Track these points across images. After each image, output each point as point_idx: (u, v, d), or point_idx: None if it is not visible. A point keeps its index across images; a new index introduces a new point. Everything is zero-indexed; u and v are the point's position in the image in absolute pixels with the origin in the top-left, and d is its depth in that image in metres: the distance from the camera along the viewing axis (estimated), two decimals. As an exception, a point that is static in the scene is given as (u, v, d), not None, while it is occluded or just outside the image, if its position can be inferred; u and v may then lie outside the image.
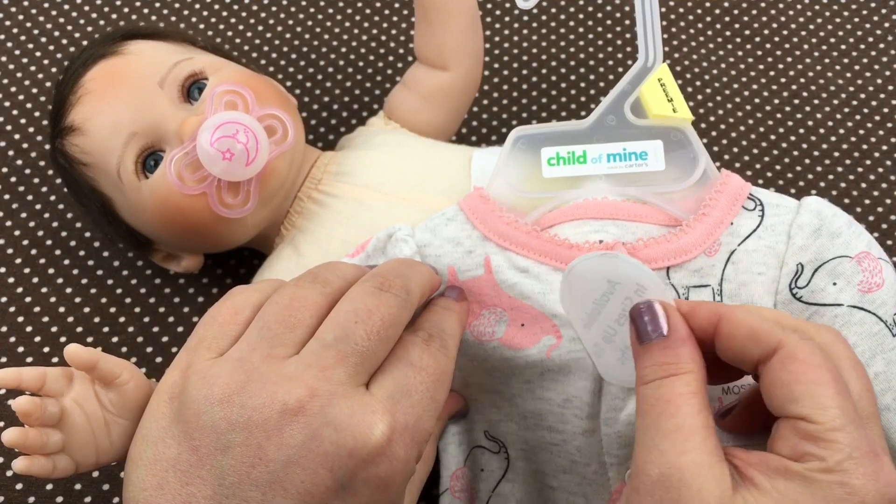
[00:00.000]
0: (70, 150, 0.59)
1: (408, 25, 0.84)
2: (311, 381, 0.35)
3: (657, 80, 0.47)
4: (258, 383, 0.36)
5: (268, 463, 0.34)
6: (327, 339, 0.37)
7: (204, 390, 0.36)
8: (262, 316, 0.39)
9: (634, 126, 0.47)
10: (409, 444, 0.36)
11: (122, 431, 0.43)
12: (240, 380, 0.36)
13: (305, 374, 0.36)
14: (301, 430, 0.35)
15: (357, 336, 0.37)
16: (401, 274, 0.41)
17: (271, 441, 0.34)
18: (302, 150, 0.61)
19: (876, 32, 0.84)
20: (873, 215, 0.74)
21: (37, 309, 0.69)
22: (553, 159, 0.47)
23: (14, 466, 0.40)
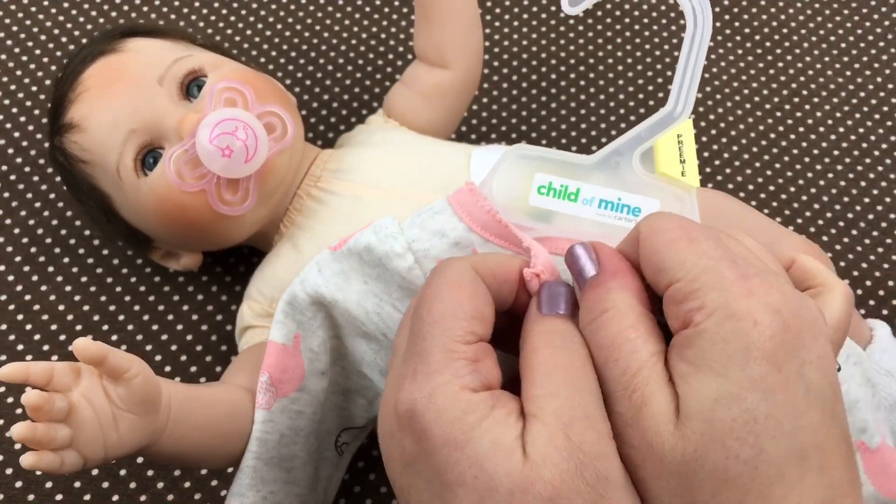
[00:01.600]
0: (69, 147, 0.59)
1: (407, 24, 0.84)
2: None
3: (676, 136, 0.45)
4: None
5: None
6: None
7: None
8: None
9: (636, 176, 0.44)
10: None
11: (130, 426, 0.43)
12: None
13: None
14: None
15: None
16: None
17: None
18: (301, 148, 0.61)
19: (875, 31, 0.84)
20: (872, 213, 0.74)
21: (36, 307, 0.69)
22: (544, 188, 0.44)
23: (22, 462, 0.40)
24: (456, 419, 0.31)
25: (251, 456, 0.44)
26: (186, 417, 0.47)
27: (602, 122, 0.79)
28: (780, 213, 0.74)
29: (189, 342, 0.68)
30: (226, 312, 0.69)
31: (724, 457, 0.28)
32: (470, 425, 0.31)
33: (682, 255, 0.31)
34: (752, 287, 0.30)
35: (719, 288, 0.30)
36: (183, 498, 0.62)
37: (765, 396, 0.28)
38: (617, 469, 0.30)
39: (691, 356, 0.30)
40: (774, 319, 0.29)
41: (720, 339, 0.29)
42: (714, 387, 0.29)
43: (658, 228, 0.33)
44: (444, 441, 0.31)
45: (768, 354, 0.29)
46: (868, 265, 0.72)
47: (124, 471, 0.62)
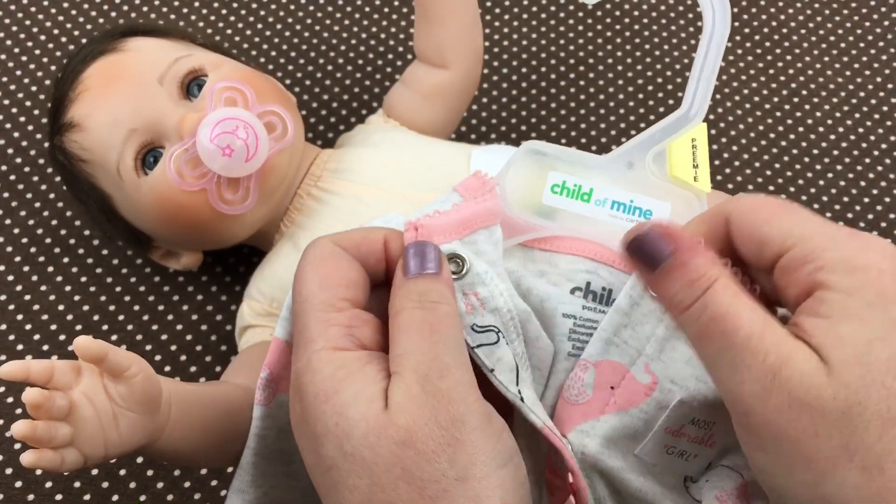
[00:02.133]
0: (69, 146, 0.59)
1: (407, 24, 0.84)
2: None
3: (690, 140, 0.44)
4: None
5: None
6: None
7: None
8: None
9: (649, 179, 0.43)
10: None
11: (130, 424, 0.43)
12: None
13: None
14: None
15: None
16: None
17: None
18: (301, 147, 0.61)
19: (875, 31, 0.84)
20: (872, 213, 0.74)
21: (36, 307, 0.69)
22: (557, 187, 0.44)
23: (22, 460, 0.40)
24: (328, 376, 0.32)
25: (250, 452, 0.44)
26: (186, 416, 0.47)
27: (602, 122, 0.79)
28: (780, 213, 0.74)
29: (189, 342, 0.68)
30: (226, 312, 0.69)
31: (886, 396, 0.29)
32: (339, 379, 0.32)
33: (788, 224, 0.32)
34: (866, 241, 0.31)
35: (835, 246, 0.31)
36: (183, 498, 0.62)
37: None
38: (475, 413, 0.31)
39: (826, 311, 0.30)
40: (894, 266, 0.30)
41: (853, 290, 0.30)
42: (862, 332, 0.29)
43: (754, 206, 0.34)
44: (315, 396, 0.32)
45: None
46: (868, 265, 0.72)
47: (124, 471, 0.62)
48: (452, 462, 0.30)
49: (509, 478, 0.31)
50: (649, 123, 0.79)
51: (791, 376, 0.30)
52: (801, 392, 0.29)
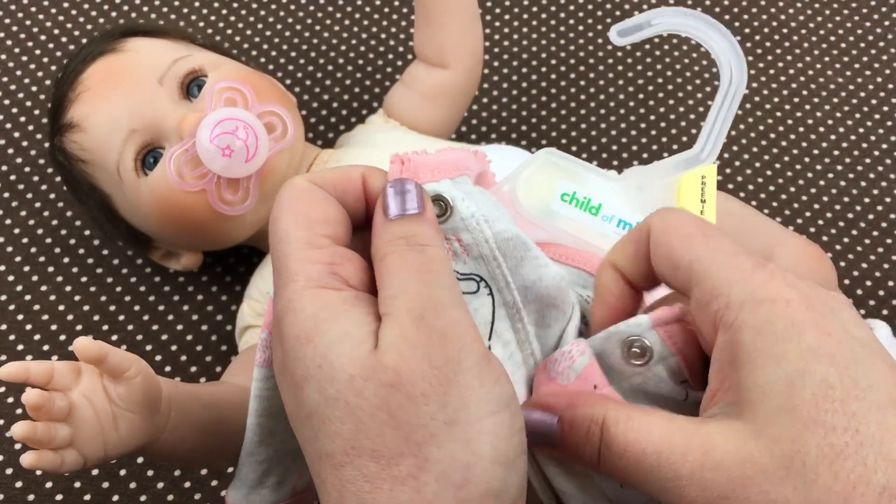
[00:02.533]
0: (69, 147, 0.59)
1: (408, 24, 0.84)
2: None
3: (701, 175, 0.46)
4: None
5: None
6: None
7: None
8: None
9: (657, 205, 0.45)
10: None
11: (130, 425, 0.43)
12: None
13: None
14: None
15: None
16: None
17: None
18: (301, 147, 0.61)
19: (875, 31, 0.84)
20: (872, 214, 0.74)
21: (36, 307, 0.69)
22: (567, 196, 0.45)
23: (22, 461, 0.40)
24: (309, 315, 0.30)
25: (253, 414, 0.45)
26: (186, 417, 0.47)
27: (602, 122, 0.79)
28: (780, 213, 0.74)
29: (189, 342, 0.68)
30: (226, 312, 0.69)
31: (822, 434, 0.27)
32: (322, 319, 0.30)
33: (700, 252, 0.31)
34: (771, 272, 0.30)
35: (739, 280, 0.30)
36: (183, 498, 0.62)
37: (829, 362, 0.28)
38: (472, 353, 0.29)
39: (741, 357, 0.29)
40: (800, 294, 0.29)
41: (762, 327, 0.29)
42: (781, 373, 0.28)
43: (669, 225, 0.33)
44: (297, 338, 0.30)
45: (812, 324, 0.29)
46: (868, 265, 0.72)
47: (124, 471, 0.62)
48: (443, 404, 0.29)
49: (504, 424, 0.29)
50: (649, 123, 0.79)
51: (720, 461, 0.28)
52: (738, 470, 0.28)
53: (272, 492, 0.47)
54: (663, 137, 0.78)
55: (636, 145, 0.78)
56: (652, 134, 0.78)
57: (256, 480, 0.47)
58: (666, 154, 0.77)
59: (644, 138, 0.78)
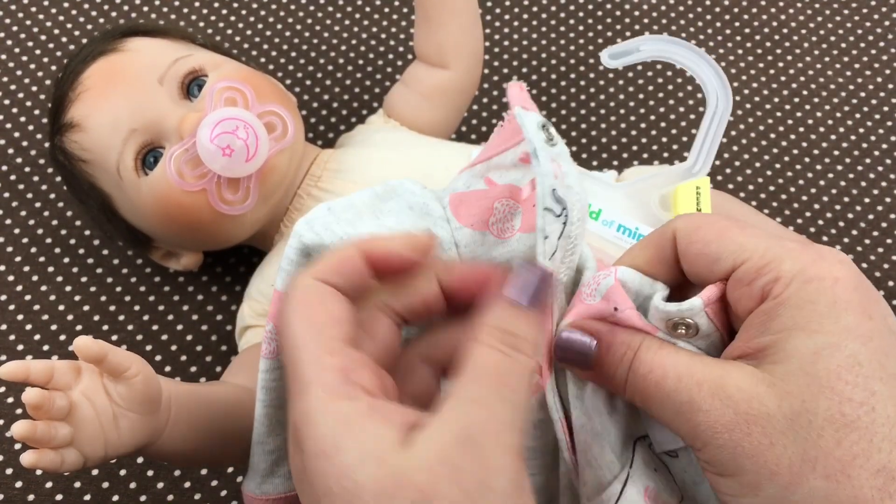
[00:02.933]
0: (69, 146, 0.59)
1: (408, 24, 0.84)
2: None
3: (695, 186, 0.47)
4: None
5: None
6: None
7: None
8: None
9: (654, 212, 0.47)
10: None
11: (130, 425, 0.43)
12: None
13: None
14: None
15: None
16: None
17: None
18: (301, 147, 0.61)
19: (875, 31, 0.84)
20: (872, 214, 0.74)
21: (36, 307, 0.69)
22: None
23: (23, 461, 0.40)
24: (328, 432, 0.30)
25: (261, 405, 0.45)
26: (187, 417, 0.47)
27: (602, 122, 0.79)
28: (780, 213, 0.74)
29: (189, 342, 0.68)
30: (226, 312, 0.69)
31: (837, 402, 0.28)
32: (341, 435, 0.30)
33: (741, 239, 0.32)
34: (820, 252, 0.31)
35: (790, 258, 0.31)
36: (183, 498, 0.62)
37: (863, 342, 0.29)
38: (505, 479, 0.29)
39: (778, 326, 0.30)
40: (851, 274, 0.30)
41: (806, 301, 0.30)
42: (811, 343, 0.29)
43: (700, 224, 0.33)
44: (316, 453, 0.30)
45: (856, 305, 0.30)
46: (868, 265, 0.72)
47: (124, 471, 0.62)
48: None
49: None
50: (649, 123, 0.79)
51: (731, 394, 0.30)
52: (745, 405, 0.29)
53: (285, 480, 0.47)
54: (663, 137, 0.78)
55: (636, 145, 0.78)
56: (652, 134, 0.78)
57: (267, 470, 0.47)
58: (666, 154, 0.77)
59: (644, 138, 0.78)
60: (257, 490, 0.47)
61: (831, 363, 0.29)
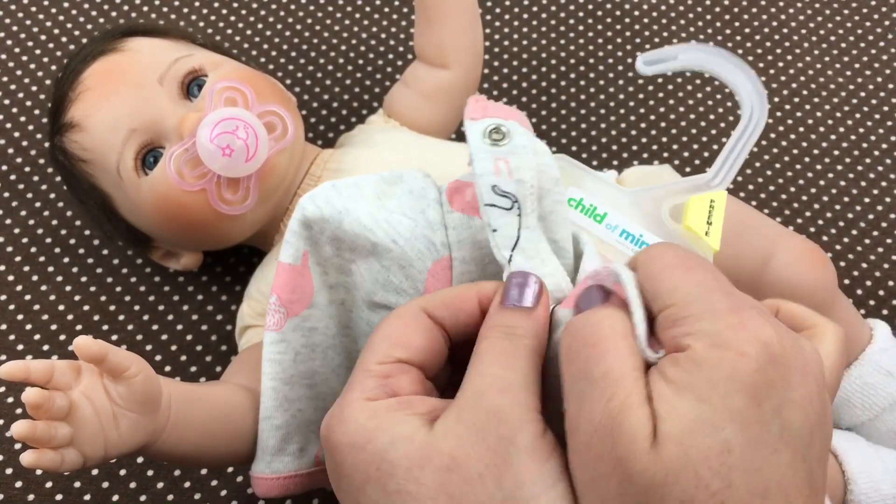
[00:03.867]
0: (69, 146, 0.59)
1: (408, 23, 0.84)
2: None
3: (710, 199, 0.46)
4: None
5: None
6: None
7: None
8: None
9: (662, 221, 0.46)
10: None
11: (130, 424, 0.43)
12: None
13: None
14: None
15: None
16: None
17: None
18: (301, 147, 0.61)
19: (875, 31, 0.84)
20: (872, 213, 0.74)
21: (36, 307, 0.69)
22: (574, 201, 0.46)
23: (22, 460, 0.39)
24: (360, 426, 0.32)
25: (267, 377, 0.45)
26: (187, 416, 0.47)
27: (602, 122, 0.79)
28: (780, 213, 0.74)
29: (189, 342, 0.68)
30: (226, 312, 0.69)
31: (694, 486, 0.28)
32: (371, 428, 0.32)
33: (676, 282, 0.31)
34: (743, 319, 0.30)
35: (711, 317, 0.30)
36: (183, 498, 0.62)
37: (741, 429, 0.28)
38: (528, 434, 0.30)
39: (675, 377, 0.29)
40: (762, 353, 0.29)
41: (706, 365, 0.29)
42: (694, 412, 0.28)
43: (655, 255, 0.33)
44: (350, 447, 0.32)
45: (750, 387, 0.28)
46: (868, 265, 0.72)
47: (124, 471, 0.62)
48: (499, 484, 0.30)
49: (559, 497, 0.30)
50: (649, 123, 0.79)
51: (622, 431, 0.29)
52: (623, 451, 0.28)
53: (295, 459, 0.47)
54: (663, 137, 0.78)
55: (636, 145, 0.78)
56: (652, 134, 0.78)
57: (276, 447, 0.47)
58: (666, 154, 0.77)
59: (644, 138, 0.78)
60: (267, 469, 0.47)
61: (704, 443, 0.28)
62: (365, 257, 0.44)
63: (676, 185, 0.45)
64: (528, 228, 0.39)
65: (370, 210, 0.43)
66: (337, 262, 0.45)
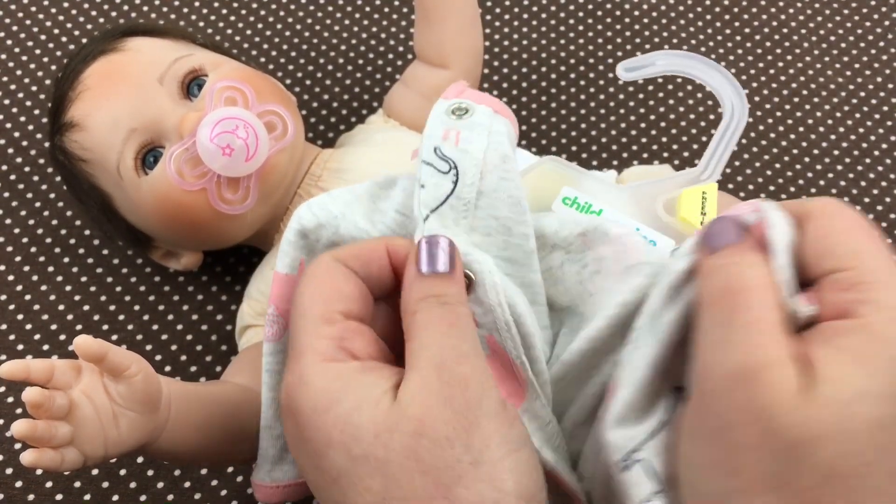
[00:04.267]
0: (69, 146, 0.59)
1: (407, 23, 0.84)
2: None
3: (702, 191, 0.47)
4: None
5: None
6: None
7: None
8: None
9: (657, 214, 0.46)
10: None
11: (130, 423, 0.43)
12: None
13: None
14: None
15: None
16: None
17: None
18: (301, 147, 0.61)
19: (875, 31, 0.84)
20: (873, 213, 0.74)
21: (36, 307, 0.69)
22: (569, 200, 0.46)
23: (22, 459, 0.39)
24: (322, 388, 0.32)
25: (267, 388, 0.45)
26: (187, 416, 0.47)
27: (602, 122, 0.79)
28: (780, 213, 0.74)
29: (189, 342, 0.68)
30: (226, 312, 0.69)
31: (843, 452, 0.27)
32: (336, 390, 0.32)
33: (859, 246, 0.30)
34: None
35: (893, 287, 0.29)
36: (183, 498, 0.62)
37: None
38: (491, 398, 0.31)
39: (845, 345, 0.29)
40: None
41: (883, 338, 0.28)
42: (862, 381, 0.28)
43: (835, 212, 0.32)
44: (313, 409, 0.32)
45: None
46: (868, 265, 0.72)
47: (124, 470, 0.62)
48: (467, 446, 0.30)
49: (524, 461, 0.31)
50: (649, 123, 0.79)
51: (766, 382, 0.28)
52: (765, 402, 0.28)
53: (294, 467, 0.47)
54: (663, 137, 0.78)
55: (636, 145, 0.78)
56: (652, 134, 0.78)
57: (276, 456, 0.47)
58: (665, 154, 0.77)
59: (644, 138, 0.78)
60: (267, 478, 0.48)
61: (864, 412, 0.27)
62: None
63: (668, 180, 0.46)
64: (459, 199, 0.39)
65: (366, 213, 0.43)
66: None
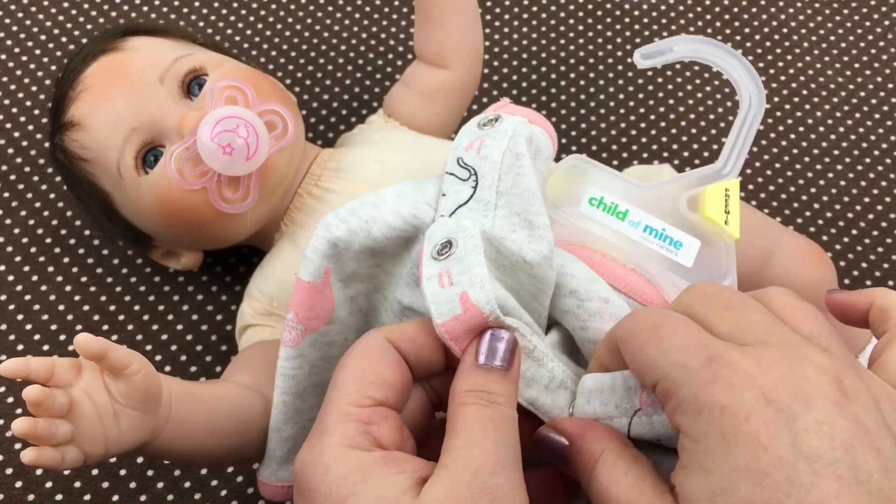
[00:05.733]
0: (69, 145, 0.59)
1: (408, 23, 0.84)
2: None
3: (724, 188, 0.47)
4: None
5: None
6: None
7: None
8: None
9: (682, 214, 0.46)
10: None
11: (131, 422, 0.43)
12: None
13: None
14: None
15: None
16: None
17: None
18: (302, 146, 0.61)
19: (875, 31, 0.84)
20: (872, 213, 0.74)
21: (36, 307, 0.69)
22: (595, 200, 0.46)
23: (23, 458, 0.39)
24: (342, 476, 0.32)
25: (279, 392, 0.45)
26: (187, 415, 0.47)
27: (602, 122, 0.79)
28: (780, 213, 0.74)
29: (189, 342, 0.68)
30: (226, 312, 0.69)
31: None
32: (355, 481, 0.31)
33: (655, 355, 0.31)
34: (716, 371, 0.29)
35: (685, 381, 0.29)
36: (183, 498, 0.62)
37: (758, 481, 0.27)
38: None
39: (684, 461, 0.29)
40: (746, 399, 0.28)
41: (699, 434, 0.28)
42: (706, 485, 0.28)
43: (631, 333, 0.33)
44: (328, 496, 0.31)
45: (748, 437, 0.27)
46: (868, 265, 0.72)
47: (124, 470, 0.62)
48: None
49: None
50: (649, 123, 0.79)
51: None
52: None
53: None
54: (663, 137, 0.78)
55: (636, 145, 0.78)
56: (652, 134, 0.78)
57: (283, 457, 0.47)
58: (666, 154, 0.77)
59: (644, 138, 0.78)
60: (273, 477, 0.48)
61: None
62: (396, 257, 0.44)
63: (690, 175, 0.46)
64: (478, 201, 0.40)
65: (394, 208, 0.43)
66: (362, 273, 0.45)
